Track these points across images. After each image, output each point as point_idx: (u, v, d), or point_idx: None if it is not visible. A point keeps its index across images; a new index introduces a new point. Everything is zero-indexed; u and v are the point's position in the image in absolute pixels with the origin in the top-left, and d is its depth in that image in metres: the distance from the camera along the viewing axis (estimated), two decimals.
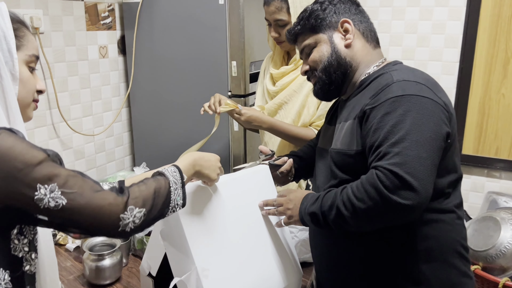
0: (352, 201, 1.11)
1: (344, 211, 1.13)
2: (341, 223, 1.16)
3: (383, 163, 1.07)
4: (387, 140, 1.09)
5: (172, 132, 2.53)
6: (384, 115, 1.13)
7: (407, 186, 1.03)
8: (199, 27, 2.30)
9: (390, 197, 1.04)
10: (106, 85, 2.52)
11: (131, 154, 2.78)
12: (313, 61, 1.33)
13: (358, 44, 1.30)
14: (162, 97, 2.50)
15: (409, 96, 1.12)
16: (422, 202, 1.03)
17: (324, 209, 1.19)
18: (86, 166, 2.46)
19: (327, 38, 1.31)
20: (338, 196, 1.16)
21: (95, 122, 2.48)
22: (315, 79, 1.35)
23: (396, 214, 1.06)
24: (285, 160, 1.56)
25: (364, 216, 1.10)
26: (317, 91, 1.36)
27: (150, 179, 1.01)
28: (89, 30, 2.37)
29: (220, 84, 2.33)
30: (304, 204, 1.27)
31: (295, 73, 1.88)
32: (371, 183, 1.08)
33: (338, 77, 1.31)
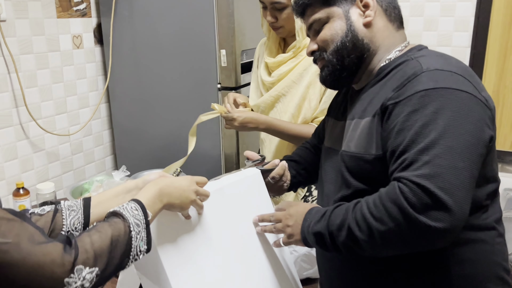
0: (368, 221, 0.90)
1: (358, 233, 0.92)
2: (353, 246, 0.95)
3: (409, 174, 0.86)
4: (414, 144, 0.88)
5: (156, 129, 2.29)
6: (411, 112, 0.91)
7: (439, 204, 0.82)
8: (184, 12, 2.06)
9: (417, 218, 0.83)
10: (82, 78, 2.27)
11: (113, 154, 2.54)
12: (323, 39, 1.10)
13: (379, 23, 1.07)
14: (145, 91, 2.26)
15: (443, 89, 0.90)
16: (457, 225, 0.83)
17: (332, 229, 0.98)
18: (61, 169, 2.21)
19: (342, 13, 1.08)
20: (350, 214, 0.95)
21: (71, 120, 2.24)
22: (324, 62, 1.12)
23: (424, 239, 0.85)
24: (275, 163, 1.32)
25: (383, 240, 0.89)
26: (325, 77, 1.13)
27: (105, 224, 0.82)
28: (60, 17, 2.11)
29: (209, 75, 2.10)
30: (308, 221, 1.05)
31: (293, 62, 1.65)
32: (392, 199, 0.87)
33: (352, 62, 1.08)
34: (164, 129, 2.28)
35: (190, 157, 2.23)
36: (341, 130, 1.16)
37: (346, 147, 1.08)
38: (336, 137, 1.19)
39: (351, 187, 1.06)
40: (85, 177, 2.36)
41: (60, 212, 0.96)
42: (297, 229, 1.07)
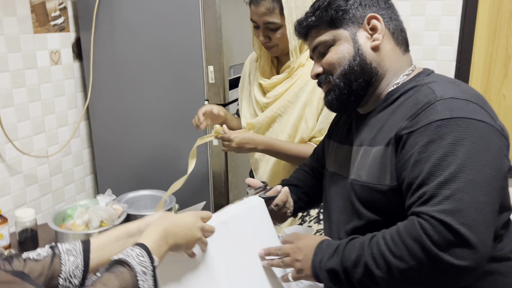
0: (387, 259, 0.87)
1: (375, 270, 0.89)
2: (369, 283, 0.92)
3: (430, 209, 0.83)
4: (433, 177, 0.85)
5: (139, 147, 2.20)
6: (427, 143, 0.88)
7: (463, 242, 0.79)
8: (169, 27, 1.99)
9: (441, 257, 0.80)
10: (60, 96, 2.16)
11: (93, 174, 2.43)
12: (330, 63, 1.06)
13: (387, 47, 1.04)
14: (127, 108, 2.17)
15: (460, 119, 0.87)
16: (481, 262, 0.80)
17: (347, 265, 0.94)
18: (40, 191, 2.10)
19: (349, 35, 1.04)
20: (366, 249, 0.91)
21: (49, 140, 2.12)
22: (329, 85, 1.09)
23: (447, 277, 0.82)
24: (278, 190, 1.27)
25: (403, 277, 0.86)
26: (331, 101, 1.09)
27: (111, 276, 0.77)
28: (37, 32, 2.00)
29: (196, 92, 2.03)
30: (319, 255, 1.00)
31: (289, 82, 1.60)
32: (413, 236, 0.84)
33: (360, 86, 1.05)
34: (147, 147, 2.19)
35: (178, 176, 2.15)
36: (347, 155, 1.12)
37: (356, 175, 1.04)
38: (342, 162, 1.15)
39: (363, 218, 1.02)
40: (65, 199, 2.25)
41: (58, 257, 0.89)
42: (307, 264, 1.02)
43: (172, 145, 2.14)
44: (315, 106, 1.57)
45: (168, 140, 2.14)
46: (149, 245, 0.86)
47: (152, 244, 0.87)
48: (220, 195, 2.13)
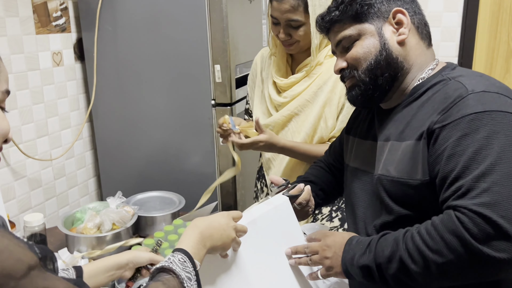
0: (424, 253, 0.86)
1: (412, 265, 0.88)
2: (404, 279, 0.91)
3: (467, 202, 0.82)
4: (468, 170, 0.85)
5: (143, 149, 2.18)
6: (461, 137, 0.88)
7: (503, 234, 0.79)
8: (175, 26, 1.97)
9: (480, 250, 0.79)
10: (63, 98, 2.13)
11: (96, 176, 2.39)
12: (355, 57, 1.05)
13: (412, 41, 1.04)
14: (131, 110, 2.14)
15: (494, 112, 0.87)
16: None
17: (381, 261, 0.93)
18: (44, 196, 2.06)
19: (375, 30, 1.03)
20: (400, 244, 0.91)
21: (52, 143, 2.08)
22: (353, 80, 1.07)
23: (487, 270, 0.82)
24: (301, 188, 1.25)
25: (441, 272, 0.85)
26: (356, 96, 1.08)
27: (158, 284, 0.77)
28: (39, 33, 1.96)
29: (203, 91, 2.01)
30: (350, 252, 1.00)
31: (307, 81, 1.58)
32: (451, 229, 0.83)
33: (386, 81, 1.04)
34: (152, 148, 2.17)
35: (185, 176, 2.13)
36: (371, 151, 1.11)
37: (384, 170, 1.03)
38: (365, 158, 1.14)
39: (393, 213, 1.02)
40: (68, 203, 2.21)
41: None
42: (337, 261, 1.01)
43: (178, 146, 2.12)
44: (335, 105, 1.56)
45: (173, 141, 2.12)
46: (189, 250, 0.85)
47: (192, 248, 0.86)
48: (228, 195, 2.11)
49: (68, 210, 2.19)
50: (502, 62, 2.32)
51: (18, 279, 0.54)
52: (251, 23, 2.19)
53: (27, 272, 0.55)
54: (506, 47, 2.29)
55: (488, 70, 2.36)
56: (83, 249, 1.60)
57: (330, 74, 1.56)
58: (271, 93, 1.66)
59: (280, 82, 1.62)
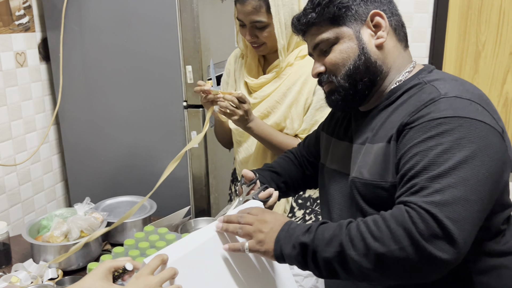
0: (366, 240, 0.84)
1: (351, 251, 0.85)
2: (338, 267, 0.87)
3: (418, 199, 0.82)
4: (426, 171, 0.84)
5: (113, 152, 2.11)
6: (426, 138, 0.87)
7: (447, 235, 0.78)
8: (145, 26, 1.91)
9: (424, 247, 0.79)
10: (27, 100, 2.04)
11: (63, 181, 2.32)
12: (334, 63, 1.03)
13: (390, 44, 1.02)
14: (99, 112, 2.08)
15: (462, 119, 0.87)
16: (457, 258, 0.80)
17: (319, 243, 0.89)
18: (8, 202, 1.97)
19: (353, 33, 1.01)
20: (343, 229, 0.88)
21: (17, 147, 2.00)
22: (332, 85, 1.05)
23: (426, 268, 0.81)
24: (270, 192, 1.22)
25: (378, 262, 0.83)
26: (335, 101, 1.06)
27: None
28: (1, 33, 1.88)
29: (174, 93, 1.96)
30: (288, 231, 0.94)
31: (276, 82, 1.57)
32: (399, 221, 0.82)
33: (365, 85, 1.03)
34: (122, 152, 2.11)
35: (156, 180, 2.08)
36: (346, 152, 1.10)
37: (358, 173, 1.02)
38: (341, 159, 1.13)
39: (367, 215, 1.00)
40: (34, 209, 2.13)
41: None
42: (271, 238, 0.95)
43: (148, 149, 2.07)
44: (301, 106, 1.55)
45: (144, 144, 2.07)
46: None
47: None
48: (201, 198, 2.07)
49: (34, 216, 2.11)
50: (471, 62, 2.35)
51: None
52: (223, 23, 2.15)
53: None
54: (475, 48, 2.33)
55: (458, 71, 2.40)
56: (49, 258, 1.53)
57: (299, 75, 1.55)
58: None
59: (251, 83, 1.61)
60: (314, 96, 1.54)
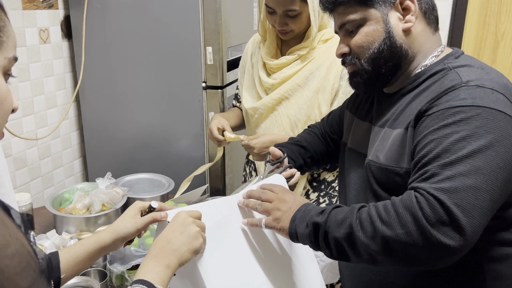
0: (375, 223, 0.86)
1: (359, 233, 0.87)
2: (345, 246, 0.90)
3: (428, 186, 0.83)
4: (439, 158, 0.85)
5: (131, 130, 2.15)
6: (442, 126, 0.87)
7: (453, 222, 0.79)
8: (167, 6, 1.93)
9: (430, 232, 0.80)
10: (49, 76, 2.08)
11: (81, 157, 2.36)
12: (359, 45, 1.02)
13: (418, 28, 1.01)
14: (119, 90, 2.11)
15: (480, 108, 0.86)
16: (465, 247, 0.80)
17: (331, 224, 0.92)
18: (29, 176, 2.02)
19: (380, 16, 0.99)
20: (354, 212, 0.90)
21: (38, 122, 2.04)
22: (355, 67, 1.05)
23: (429, 253, 0.82)
24: (293, 172, 1.24)
25: (385, 245, 0.84)
26: (358, 83, 1.07)
27: None
28: (26, 9, 1.91)
29: (193, 73, 1.99)
30: (304, 212, 0.98)
31: (298, 65, 1.58)
32: (407, 206, 0.83)
33: (389, 70, 1.02)
34: (139, 130, 2.14)
35: (174, 159, 2.12)
36: (366, 133, 1.12)
37: (374, 157, 1.03)
38: (360, 139, 1.14)
39: (381, 199, 1.02)
40: (54, 183, 2.18)
41: None
42: (287, 217, 0.99)
43: (166, 129, 2.10)
44: (329, 92, 1.56)
45: (162, 123, 2.10)
46: (147, 278, 0.78)
47: (154, 274, 0.79)
48: (216, 178, 2.11)
49: (53, 191, 2.15)
50: (489, 52, 2.35)
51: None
52: (242, 5, 2.16)
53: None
54: (494, 38, 2.33)
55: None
56: (71, 230, 1.59)
57: (323, 60, 1.56)
58: (261, 75, 1.65)
59: (270, 63, 1.61)
60: (342, 81, 1.55)
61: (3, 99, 0.62)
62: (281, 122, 1.64)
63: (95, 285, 1.22)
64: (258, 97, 1.70)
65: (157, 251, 0.84)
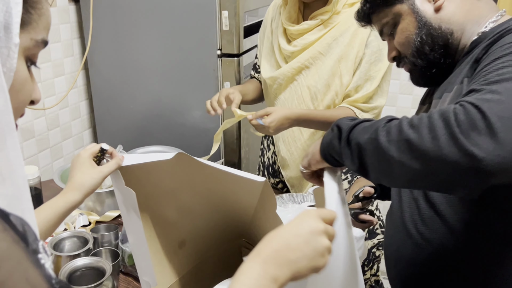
0: (402, 127, 0.74)
1: (382, 138, 0.75)
2: (366, 152, 0.78)
3: (470, 98, 0.72)
4: (485, 78, 0.76)
5: (143, 100, 2.05)
6: (494, 60, 0.80)
7: (489, 130, 0.67)
8: None
9: (457, 137, 0.68)
10: (56, 42, 1.97)
11: (91, 128, 2.27)
12: (400, 44, 1.01)
13: (453, 1, 0.95)
14: (130, 57, 2.00)
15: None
16: (500, 162, 0.66)
17: (356, 130, 0.81)
18: (37, 147, 1.94)
19: (408, 8, 0.98)
20: (384, 120, 0.79)
21: (45, 91, 1.95)
22: (408, 66, 1.02)
23: (457, 167, 0.68)
24: (371, 192, 1.21)
25: (407, 150, 0.72)
26: (416, 79, 1.04)
27: None
28: None
29: (208, 40, 1.87)
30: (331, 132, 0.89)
31: (321, 30, 1.46)
32: (442, 113, 0.72)
33: (439, 54, 0.96)
34: (151, 100, 2.04)
35: (186, 131, 2.03)
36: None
37: None
38: None
39: None
40: (63, 155, 2.10)
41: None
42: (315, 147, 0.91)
43: (179, 99, 2.00)
44: (352, 60, 1.45)
45: (174, 93, 1.99)
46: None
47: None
48: (231, 152, 2.02)
49: (62, 163, 2.08)
50: None
51: None
52: None
53: None
54: None
55: None
56: (80, 206, 1.51)
57: (347, 25, 1.45)
58: (281, 42, 1.54)
59: (291, 29, 1.49)
60: (367, 49, 1.43)
61: (20, 87, 0.52)
62: (301, 93, 1.54)
63: (107, 266, 1.14)
64: (277, 65, 1.59)
65: (269, 253, 0.63)
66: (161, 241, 1.05)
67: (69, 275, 1.15)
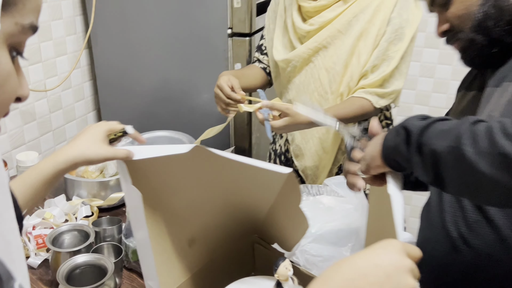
0: (495, 137, 0.60)
1: (468, 147, 0.62)
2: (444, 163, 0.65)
3: None
4: None
5: (149, 82, 1.95)
6: None
7: None
8: None
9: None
10: (57, 19, 1.86)
11: (96, 110, 2.18)
12: (457, 16, 0.87)
13: None
14: (135, 36, 1.89)
15: None
16: None
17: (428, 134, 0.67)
18: (39, 130, 1.85)
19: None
20: (466, 123, 0.65)
21: (47, 72, 1.85)
22: (462, 43, 0.88)
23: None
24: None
25: (502, 166, 0.59)
26: (472, 58, 0.90)
27: None
28: None
29: (218, 18, 1.75)
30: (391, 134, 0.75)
31: (340, 7, 1.34)
32: None
33: (504, 31, 0.83)
34: (157, 81, 1.94)
35: (194, 115, 1.93)
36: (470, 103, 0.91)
37: (484, 116, 0.81)
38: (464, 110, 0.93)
39: None
40: (66, 138, 2.02)
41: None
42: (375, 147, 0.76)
43: (187, 81, 1.89)
44: (372, 38, 1.33)
45: (182, 74, 1.89)
46: None
47: None
48: (242, 138, 1.92)
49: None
50: None
51: None
52: None
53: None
54: None
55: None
56: (83, 194, 1.43)
57: (369, 0, 1.33)
58: (295, 21, 1.42)
59: (307, 5, 1.37)
60: (388, 26, 1.32)
61: (2, 82, 0.43)
62: (318, 77, 1.43)
63: (108, 264, 1.06)
64: (291, 46, 1.47)
65: (339, 282, 0.53)
66: (170, 239, 0.97)
67: (69, 272, 1.07)
